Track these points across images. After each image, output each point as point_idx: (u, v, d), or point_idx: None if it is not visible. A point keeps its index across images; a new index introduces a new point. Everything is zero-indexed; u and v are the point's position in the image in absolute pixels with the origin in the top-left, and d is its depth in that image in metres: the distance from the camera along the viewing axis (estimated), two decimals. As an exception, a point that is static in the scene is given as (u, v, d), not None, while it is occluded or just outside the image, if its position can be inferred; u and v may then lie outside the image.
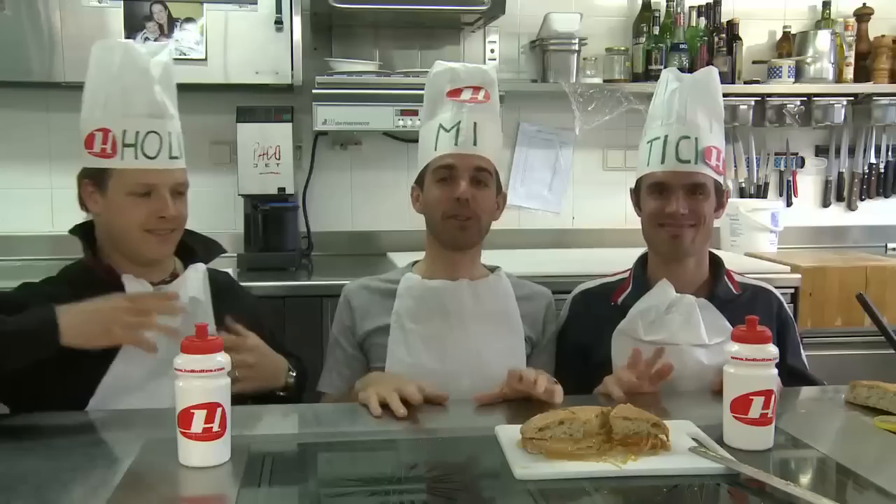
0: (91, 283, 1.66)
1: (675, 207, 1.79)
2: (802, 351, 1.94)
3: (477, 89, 1.84)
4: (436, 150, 1.82)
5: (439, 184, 1.81)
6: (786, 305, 1.95)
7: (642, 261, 1.94)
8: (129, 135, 1.65)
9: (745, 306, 1.81)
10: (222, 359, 1.28)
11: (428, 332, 1.79)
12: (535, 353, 1.89)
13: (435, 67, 1.91)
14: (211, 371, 1.27)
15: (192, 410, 1.26)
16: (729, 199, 1.97)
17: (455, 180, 1.80)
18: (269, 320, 1.99)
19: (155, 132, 1.66)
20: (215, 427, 1.26)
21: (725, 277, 1.90)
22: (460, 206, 1.79)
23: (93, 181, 1.69)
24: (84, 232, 1.78)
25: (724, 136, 1.88)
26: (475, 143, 1.80)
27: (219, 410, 1.27)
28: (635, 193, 1.92)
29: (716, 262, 1.93)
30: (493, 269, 1.92)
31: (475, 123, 1.81)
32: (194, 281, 1.75)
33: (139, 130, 1.65)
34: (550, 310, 1.95)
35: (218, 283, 1.82)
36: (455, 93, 1.84)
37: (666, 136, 1.81)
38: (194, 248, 1.81)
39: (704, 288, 1.88)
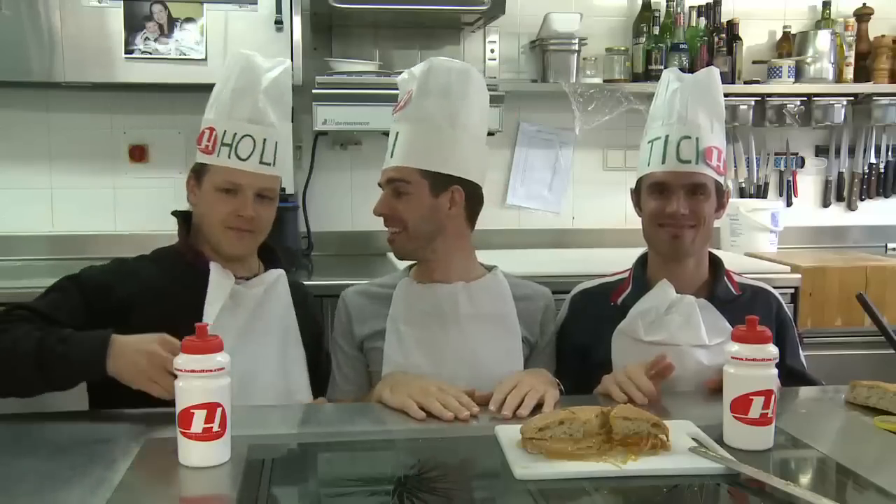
0: (179, 264, 1.81)
1: (675, 208, 1.79)
2: (801, 351, 1.94)
3: (409, 94, 1.83)
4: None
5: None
6: (785, 306, 1.95)
7: (642, 261, 1.94)
8: (228, 135, 1.76)
9: (744, 307, 1.80)
10: (222, 359, 1.28)
11: (423, 335, 1.78)
12: (534, 354, 1.88)
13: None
14: (211, 371, 1.27)
15: (191, 410, 1.25)
16: (729, 200, 1.96)
17: (382, 194, 1.84)
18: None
19: (250, 136, 1.77)
20: (215, 427, 1.26)
21: (725, 278, 1.90)
22: (385, 220, 1.82)
23: (195, 174, 1.82)
24: (184, 218, 1.89)
25: (724, 136, 1.87)
26: (392, 156, 1.83)
27: (219, 410, 1.26)
28: (636, 193, 1.92)
29: (715, 263, 1.92)
30: (490, 269, 1.90)
31: (397, 134, 1.82)
32: (273, 282, 1.85)
33: (237, 132, 1.76)
34: (549, 311, 1.93)
35: (296, 290, 1.92)
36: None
37: (667, 137, 1.81)
38: (278, 254, 1.93)
39: (704, 288, 1.88)
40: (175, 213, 1.90)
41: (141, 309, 1.70)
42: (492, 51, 3.39)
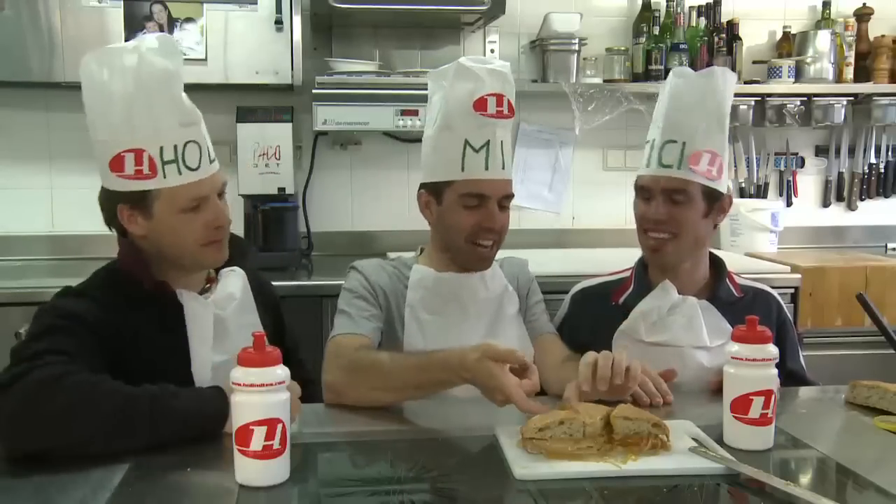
0: (139, 294, 1.58)
1: (653, 212, 1.79)
2: (801, 353, 1.94)
3: (500, 98, 1.76)
4: (463, 170, 1.75)
5: (468, 210, 1.78)
6: (785, 308, 1.95)
7: (643, 261, 1.94)
8: (168, 151, 1.52)
9: (745, 309, 1.79)
10: (282, 371, 1.21)
11: (444, 322, 1.81)
12: (528, 311, 1.94)
13: (454, 69, 1.78)
14: (271, 385, 1.19)
15: (251, 427, 1.19)
16: (732, 203, 1.93)
17: (484, 207, 1.77)
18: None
19: (193, 141, 1.55)
20: (275, 444, 1.20)
21: (727, 280, 1.89)
22: (487, 233, 1.79)
23: (131, 205, 1.56)
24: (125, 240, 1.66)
25: (725, 139, 1.81)
26: (504, 167, 1.78)
27: (279, 427, 1.20)
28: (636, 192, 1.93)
29: (717, 264, 1.92)
30: None
31: (502, 143, 1.77)
32: (235, 286, 1.71)
33: (177, 144, 1.53)
34: (530, 275, 2.01)
35: (255, 283, 1.79)
36: (481, 104, 1.75)
37: (654, 140, 1.81)
38: (231, 251, 1.72)
39: (706, 289, 1.88)
40: (120, 236, 1.65)
41: (128, 351, 1.51)
42: (492, 51, 3.39)
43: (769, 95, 3.46)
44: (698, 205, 1.78)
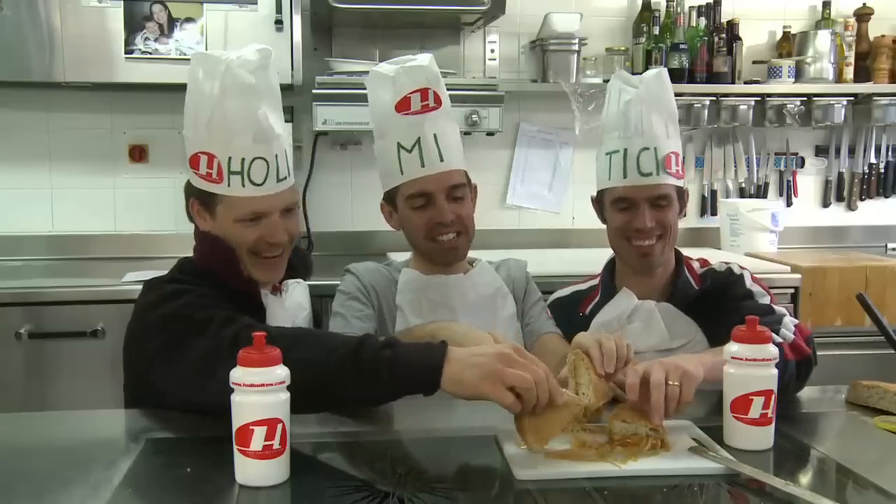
0: (229, 292, 1.61)
1: (642, 223, 1.79)
2: (765, 300, 1.81)
3: (424, 93, 1.76)
4: (402, 173, 1.78)
5: (418, 211, 1.79)
6: (745, 280, 1.83)
7: (610, 268, 1.95)
8: (235, 162, 1.57)
9: (703, 300, 1.82)
10: (282, 371, 1.21)
11: None
12: (526, 311, 1.93)
13: (371, 79, 1.81)
14: (272, 385, 1.19)
15: (251, 427, 1.19)
16: (689, 199, 1.94)
17: (433, 204, 1.78)
18: None
19: (261, 158, 1.58)
20: (276, 444, 1.20)
21: (686, 272, 1.87)
22: (441, 227, 1.79)
23: (200, 201, 1.64)
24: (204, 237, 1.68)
25: (680, 137, 1.86)
26: (442, 159, 1.77)
27: (279, 427, 1.20)
28: (597, 203, 1.92)
29: (677, 257, 1.91)
30: (472, 262, 1.95)
31: (435, 136, 1.76)
32: (303, 297, 1.82)
33: (245, 157, 1.57)
34: (528, 277, 1.99)
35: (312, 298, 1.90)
36: (404, 105, 1.75)
37: (625, 150, 1.80)
38: (295, 263, 1.77)
39: (668, 287, 1.88)
40: (199, 232, 1.69)
41: None
42: (492, 51, 3.39)
43: (769, 95, 3.46)
44: (676, 205, 1.84)
